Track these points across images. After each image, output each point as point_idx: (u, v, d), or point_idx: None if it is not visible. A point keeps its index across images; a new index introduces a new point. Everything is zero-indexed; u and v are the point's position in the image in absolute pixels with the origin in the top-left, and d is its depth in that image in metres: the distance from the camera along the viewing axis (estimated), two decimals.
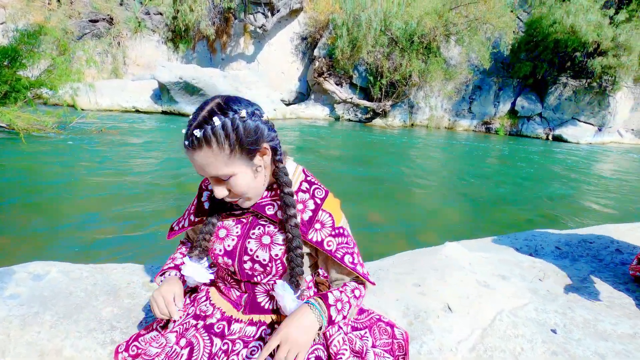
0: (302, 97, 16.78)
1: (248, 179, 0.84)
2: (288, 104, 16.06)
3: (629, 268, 1.71)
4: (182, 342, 0.94)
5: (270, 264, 0.91)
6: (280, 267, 0.92)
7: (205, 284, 1.08)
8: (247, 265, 0.92)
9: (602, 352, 1.20)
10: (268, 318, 0.97)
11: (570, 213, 5.28)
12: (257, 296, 0.97)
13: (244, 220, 0.96)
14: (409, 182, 6.34)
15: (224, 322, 0.95)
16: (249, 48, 15.92)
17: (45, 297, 1.27)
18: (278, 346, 0.81)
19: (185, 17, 12.78)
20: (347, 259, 0.95)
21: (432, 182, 6.57)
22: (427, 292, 1.33)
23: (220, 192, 0.84)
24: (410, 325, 1.21)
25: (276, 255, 0.91)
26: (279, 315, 0.98)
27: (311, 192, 0.96)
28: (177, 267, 1.07)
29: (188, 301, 1.05)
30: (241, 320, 0.96)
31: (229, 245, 0.93)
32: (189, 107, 11.77)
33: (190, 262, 0.98)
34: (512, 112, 16.03)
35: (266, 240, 0.92)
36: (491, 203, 5.53)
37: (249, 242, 0.92)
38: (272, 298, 0.98)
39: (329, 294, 0.90)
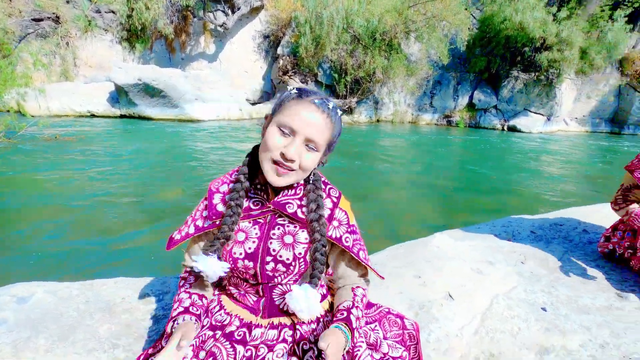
0: (267, 96, 16.60)
1: (317, 160, 0.89)
2: (254, 104, 15.83)
3: (598, 245, 1.88)
4: (202, 354, 0.91)
5: (293, 263, 0.92)
6: (303, 266, 0.93)
7: (216, 293, 1.06)
8: (270, 266, 0.92)
9: (587, 325, 1.31)
10: (287, 320, 0.97)
11: (535, 198, 5.66)
12: (275, 299, 0.97)
13: (260, 220, 0.95)
14: (380, 177, 6.49)
15: (244, 329, 0.94)
16: (210, 47, 15.50)
17: (35, 320, 1.18)
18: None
19: (141, 16, 12.17)
20: (362, 254, 0.98)
21: (402, 176, 6.77)
22: (427, 283, 1.38)
23: (297, 152, 0.85)
24: (417, 316, 1.26)
25: (299, 254, 0.92)
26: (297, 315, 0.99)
27: (327, 192, 0.98)
28: (188, 310, 0.96)
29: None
30: (261, 325, 0.96)
31: (249, 248, 0.93)
32: (150, 109, 11.26)
33: (204, 256, 0.93)
34: (470, 105, 16.84)
35: (288, 239, 0.93)
36: (460, 193, 5.80)
37: (270, 242, 0.92)
38: None
39: (351, 317, 0.91)
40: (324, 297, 1.03)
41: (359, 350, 0.99)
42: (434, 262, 1.52)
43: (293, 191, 0.96)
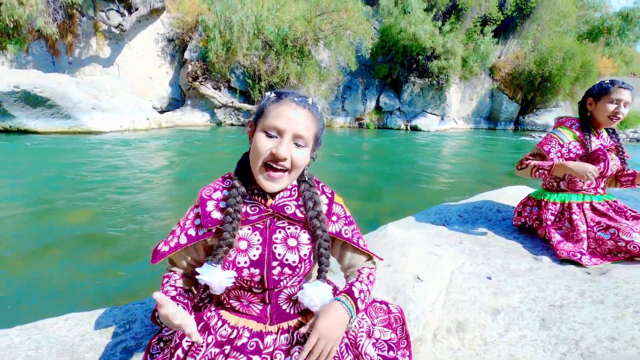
0: (176, 103, 15.58)
1: (307, 157, 0.91)
2: (162, 112, 14.69)
3: (512, 220, 2.28)
4: None
5: (299, 265, 0.94)
6: (308, 266, 0.96)
7: (213, 309, 1.01)
8: (276, 271, 0.92)
9: (520, 285, 1.60)
10: (296, 322, 0.99)
11: (447, 187, 6.43)
12: (281, 304, 0.98)
13: (259, 226, 0.94)
14: None
15: (256, 339, 0.93)
16: (103, 50, 13.90)
17: None
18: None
19: (13, 12, 10.30)
20: (361, 242, 1.05)
21: (325, 176, 7.05)
22: (397, 270, 1.52)
23: (287, 151, 0.87)
24: (395, 300, 1.38)
25: (305, 255, 0.95)
26: (305, 316, 1.01)
27: (321, 189, 1.03)
28: (175, 299, 0.94)
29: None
30: (272, 332, 0.95)
31: (254, 256, 0.92)
32: (33, 121, 9.61)
33: (209, 266, 0.90)
34: (378, 108, 18.30)
35: (292, 242, 0.94)
36: (380, 189, 6.29)
37: (275, 247, 0.93)
38: (294, 302, 1.00)
39: (353, 288, 0.97)
40: (334, 290, 1.07)
41: (361, 339, 1.06)
42: (398, 249, 1.67)
43: (288, 193, 0.98)
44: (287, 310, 0.99)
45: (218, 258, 0.89)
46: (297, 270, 0.95)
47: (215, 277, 0.89)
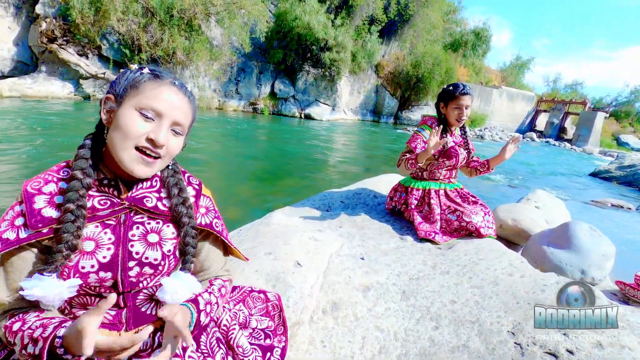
0: (24, 67, 12.62)
1: (181, 145, 0.85)
2: (2, 77, 11.74)
3: (385, 204, 2.54)
4: None
5: (162, 262, 0.85)
6: (173, 263, 0.87)
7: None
8: (134, 272, 0.81)
9: (388, 263, 1.79)
10: (157, 323, 0.89)
11: (335, 174, 6.79)
12: (139, 306, 0.87)
13: (111, 222, 0.81)
14: (193, 164, 6.23)
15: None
16: None
17: None
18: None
19: None
20: (229, 239, 1.01)
21: (216, 163, 6.72)
22: (278, 257, 1.53)
23: (166, 136, 0.79)
24: (275, 287, 1.38)
25: (169, 251, 0.86)
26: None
27: (187, 180, 0.95)
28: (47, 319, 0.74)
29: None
30: None
31: (104, 257, 0.78)
32: None
33: (40, 278, 0.72)
34: (272, 94, 18.18)
35: (153, 238, 0.84)
36: (271, 176, 6.31)
37: (132, 245, 0.81)
38: (156, 302, 0.90)
39: (199, 298, 0.88)
40: None
41: (233, 332, 1.04)
42: (281, 237, 1.68)
43: (149, 183, 0.87)
44: (148, 311, 0.88)
45: (55, 266, 0.73)
46: (160, 268, 0.85)
47: (51, 290, 0.72)
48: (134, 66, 0.82)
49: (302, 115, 18.56)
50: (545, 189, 6.11)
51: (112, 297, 0.65)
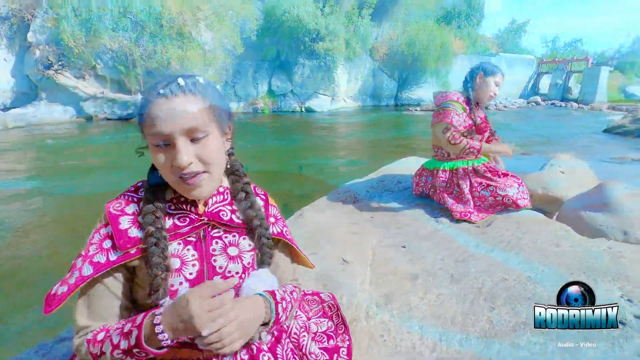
0: (26, 98, 12.73)
1: (219, 144, 0.76)
2: (6, 109, 11.87)
3: (412, 190, 2.50)
4: None
5: (244, 275, 0.84)
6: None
7: None
8: None
9: (430, 248, 1.77)
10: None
11: (350, 165, 6.76)
12: None
13: (191, 239, 0.80)
14: None
15: None
16: None
17: None
18: None
19: None
20: (298, 246, 0.99)
21: None
22: (324, 257, 1.51)
23: (187, 156, 0.70)
24: (326, 287, 1.37)
25: (248, 263, 0.85)
26: None
27: (253, 190, 0.93)
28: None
29: None
30: (218, 356, 0.83)
31: (190, 274, 0.77)
32: None
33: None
34: (270, 92, 18.09)
35: (233, 251, 0.83)
36: (286, 174, 6.30)
37: (214, 260, 0.80)
38: None
39: (276, 291, 0.86)
40: None
41: (303, 339, 1.03)
42: (321, 234, 1.66)
43: (222, 197, 0.85)
44: None
45: (160, 292, 0.71)
46: (241, 280, 0.85)
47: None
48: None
49: (303, 109, 18.46)
50: (564, 152, 6.00)
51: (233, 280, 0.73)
